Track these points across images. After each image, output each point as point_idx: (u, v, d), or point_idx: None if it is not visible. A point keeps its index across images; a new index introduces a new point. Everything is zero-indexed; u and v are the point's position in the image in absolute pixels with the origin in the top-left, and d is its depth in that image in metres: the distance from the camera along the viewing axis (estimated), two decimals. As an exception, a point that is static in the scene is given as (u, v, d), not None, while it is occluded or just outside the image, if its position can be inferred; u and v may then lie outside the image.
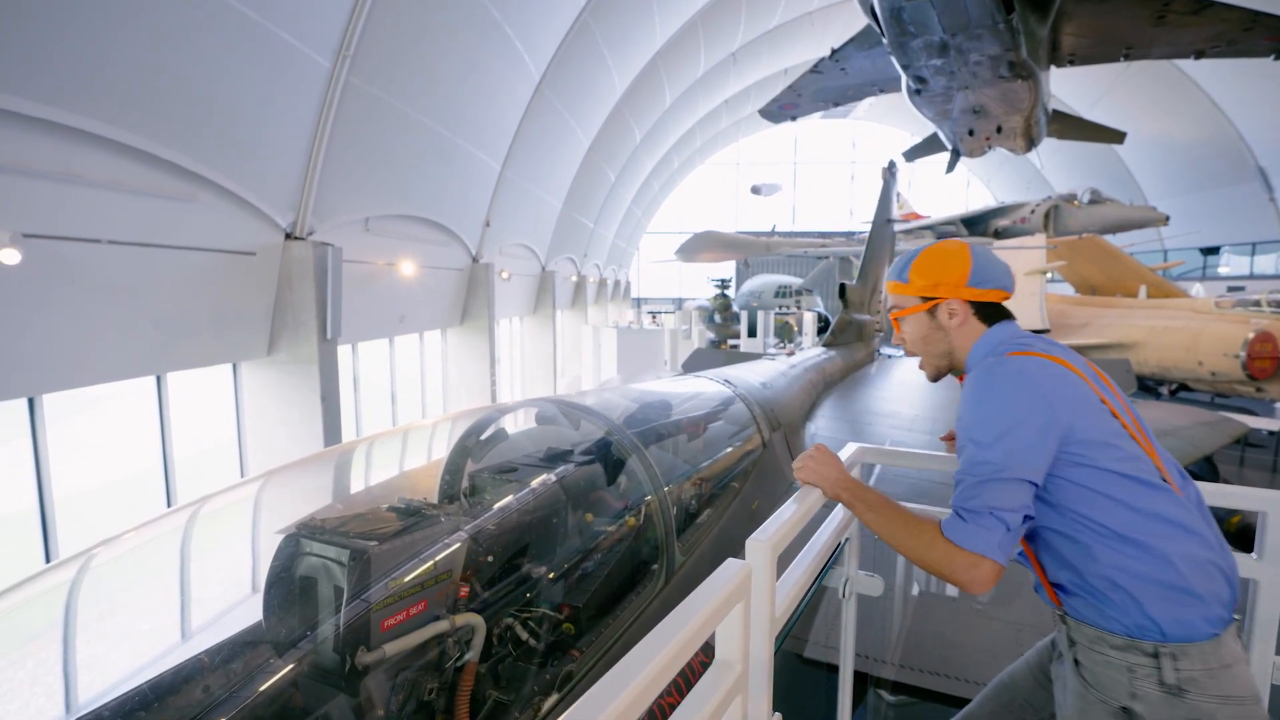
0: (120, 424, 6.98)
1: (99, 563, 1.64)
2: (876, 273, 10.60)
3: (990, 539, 1.31)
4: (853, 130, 37.75)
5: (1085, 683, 1.39)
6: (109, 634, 1.61)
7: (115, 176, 5.41)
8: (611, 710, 0.73)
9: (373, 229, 9.47)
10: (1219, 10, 9.04)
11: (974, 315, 1.65)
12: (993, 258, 1.68)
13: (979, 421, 1.40)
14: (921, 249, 1.72)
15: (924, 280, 1.68)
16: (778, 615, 1.21)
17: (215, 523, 1.88)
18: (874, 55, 10.55)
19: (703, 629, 0.91)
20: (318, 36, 7.12)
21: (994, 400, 1.41)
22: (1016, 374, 1.43)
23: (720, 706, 0.97)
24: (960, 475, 1.40)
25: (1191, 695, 1.24)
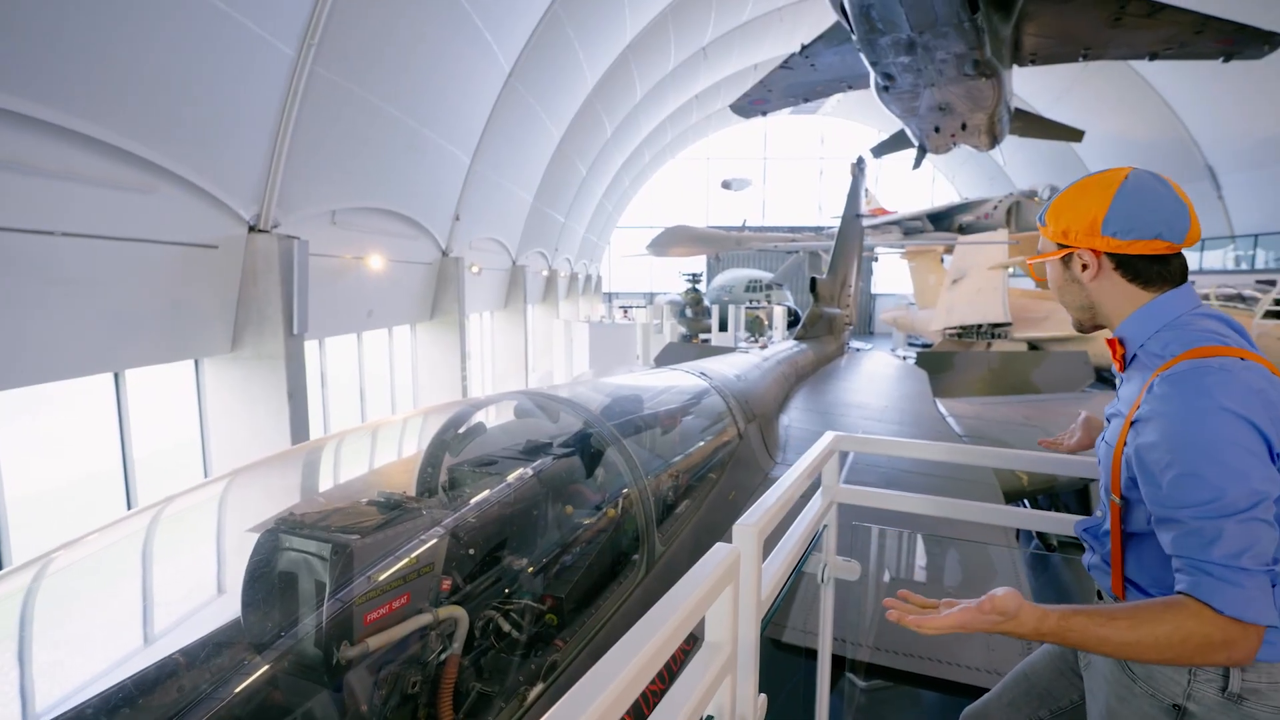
0: (77, 423, 6.75)
1: (65, 564, 1.60)
2: (845, 267, 10.76)
3: (1268, 599, 1.10)
4: (821, 126, 38.16)
5: (1132, 676, 1.31)
6: (88, 634, 1.57)
7: (70, 166, 5.22)
8: (610, 691, 0.74)
9: (340, 222, 9.30)
10: (1172, 13, 9.35)
11: (1118, 272, 1.35)
12: (1154, 194, 1.30)
13: (1204, 445, 1.13)
14: (1074, 181, 1.43)
15: (1057, 224, 1.40)
16: (763, 599, 1.24)
17: (190, 520, 1.85)
18: (843, 52, 10.68)
19: (695, 611, 0.92)
20: (282, 24, 6.95)
21: (1217, 413, 1.13)
22: (1236, 379, 1.16)
23: (711, 687, 0.99)
24: (1190, 516, 1.13)
25: (1250, 703, 1.20)
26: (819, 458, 1.69)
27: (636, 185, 34.48)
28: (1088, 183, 1.37)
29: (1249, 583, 1.09)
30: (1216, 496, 1.10)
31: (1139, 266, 1.33)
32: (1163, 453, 1.17)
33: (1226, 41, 9.85)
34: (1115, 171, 1.35)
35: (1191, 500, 1.13)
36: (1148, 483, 1.21)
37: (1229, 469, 1.10)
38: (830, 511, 1.86)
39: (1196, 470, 1.12)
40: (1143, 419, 1.23)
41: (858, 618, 2.58)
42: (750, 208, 38.31)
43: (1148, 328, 1.33)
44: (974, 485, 3.67)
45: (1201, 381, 1.17)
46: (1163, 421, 1.19)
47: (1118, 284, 1.35)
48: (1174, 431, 1.17)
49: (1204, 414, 1.14)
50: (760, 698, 1.28)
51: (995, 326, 17.52)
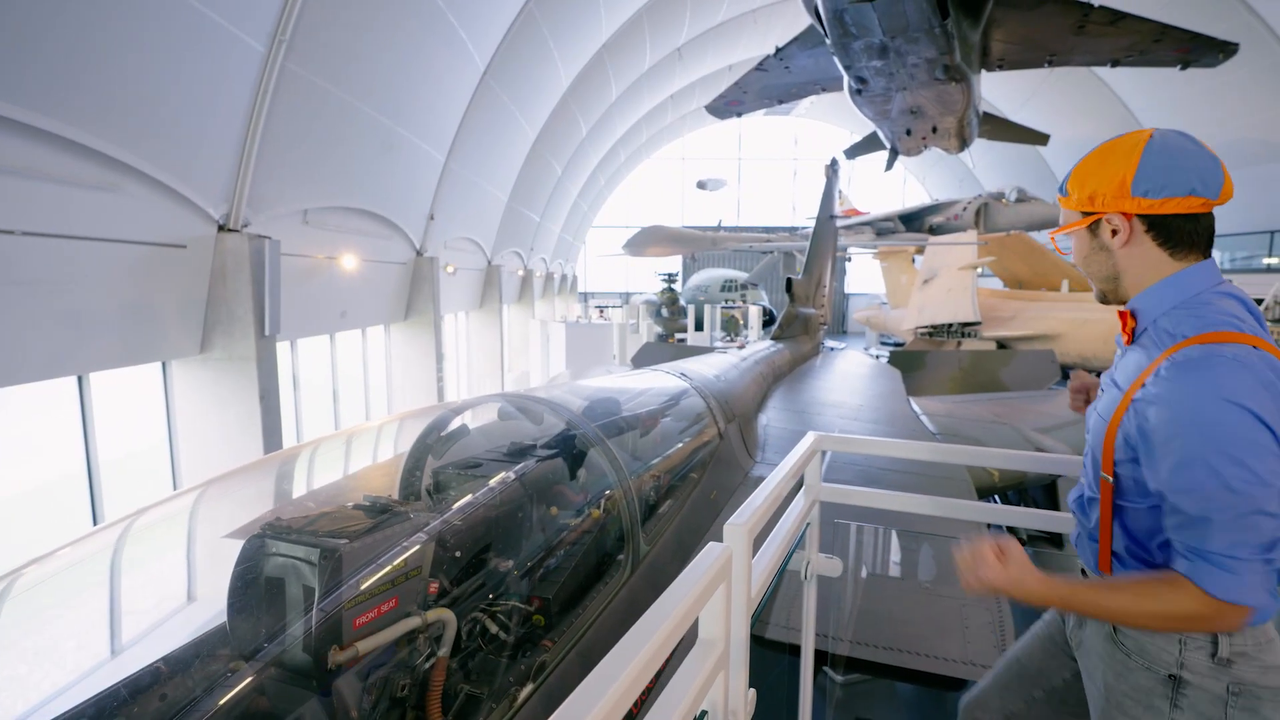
0: (39, 428, 6.56)
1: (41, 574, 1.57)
2: (820, 268, 10.90)
3: (1269, 585, 1.16)
4: (795, 127, 38.54)
5: (1126, 651, 1.35)
6: (75, 642, 1.54)
7: (31, 163, 5.07)
8: (615, 689, 0.76)
9: (312, 221, 9.15)
10: (1132, 22, 9.65)
11: (1149, 235, 1.30)
12: (1183, 149, 1.26)
13: (1211, 437, 1.13)
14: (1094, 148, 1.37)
15: (1081, 190, 1.34)
16: (752, 596, 1.27)
17: (176, 527, 1.82)
18: (817, 55, 10.83)
19: (691, 610, 0.95)
20: (251, 19, 6.82)
21: (1226, 408, 1.13)
22: (1247, 372, 1.15)
23: (705, 684, 1.02)
24: (1192, 506, 1.17)
25: (1238, 666, 1.26)
26: (802, 457, 1.73)
27: (612, 185, 34.46)
28: (1112, 145, 1.33)
29: (1243, 570, 1.14)
30: (1219, 488, 1.12)
31: (1171, 227, 1.28)
32: (1167, 438, 1.18)
33: (1183, 50, 10.21)
34: (1138, 132, 1.30)
35: (1194, 489, 1.15)
36: (1150, 465, 1.23)
37: (1234, 462, 1.12)
38: (813, 510, 1.90)
39: (1201, 461, 1.14)
40: (1147, 400, 1.23)
41: (837, 613, 2.63)
42: (725, 208, 38.55)
43: (1165, 302, 1.30)
44: (948, 481, 3.76)
45: (1212, 371, 1.16)
46: (1169, 408, 1.19)
47: (1148, 250, 1.31)
48: (1180, 419, 1.17)
49: (1212, 405, 1.14)
50: (750, 692, 1.31)
51: (965, 325, 17.89)
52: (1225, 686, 1.26)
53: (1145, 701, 1.33)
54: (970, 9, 8.34)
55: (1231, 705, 1.26)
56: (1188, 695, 1.29)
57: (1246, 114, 17.07)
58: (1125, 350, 1.42)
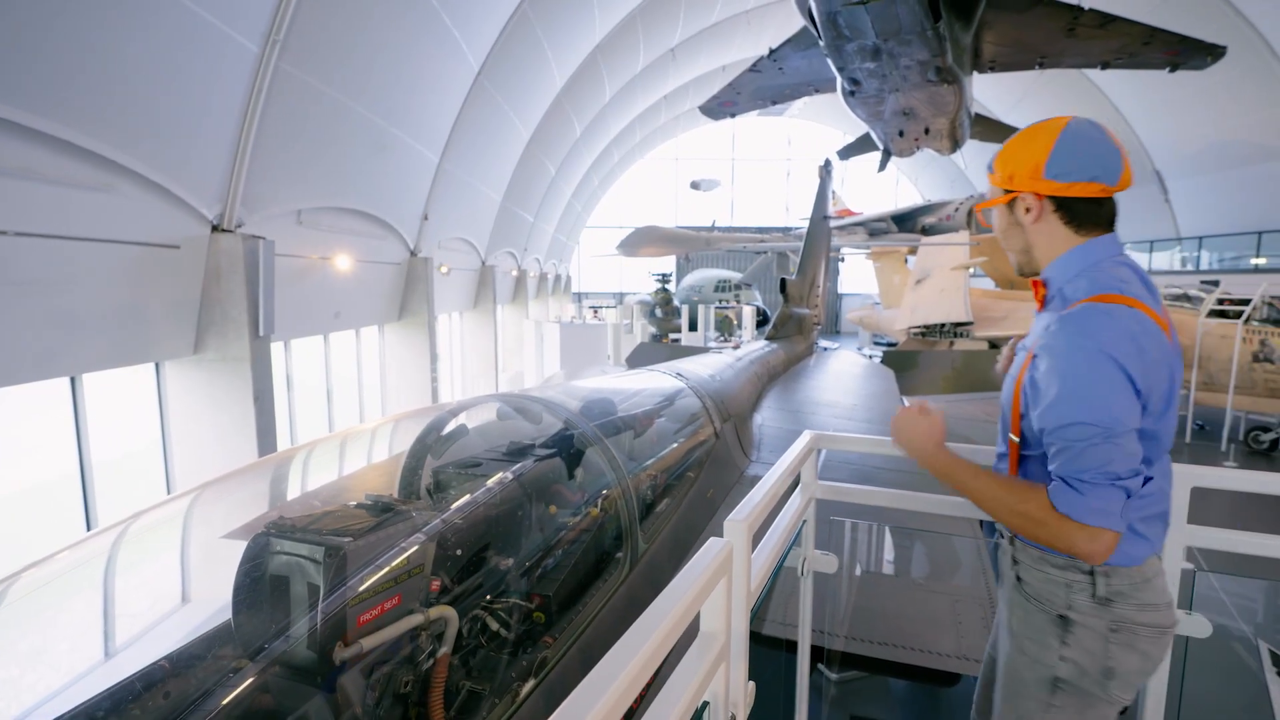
0: (31, 429, 6.53)
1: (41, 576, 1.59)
2: (814, 268, 10.95)
3: (1111, 509, 1.28)
4: (788, 128, 38.64)
5: (1026, 595, 1.49)
6: (79, 641, 1.56)
7: (23, 163, 5.06)
8: (620, 681, 0.79)
9: (305, 221, 9.14)
10: (1122, 25, 9.75)
11: (1056, 214, 1.44)
12: (1091, 140, 1.39)
13: (1079, 377, 1.29)
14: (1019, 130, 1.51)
15: (1003, 169, 1.48)
16: (751, 590, 1.30)
17: (178, 526, 1.83)
18: (810, 56, 10.89)
19: (694, 604, 0.98)
20: (245, 20, 6.81)
21: (1094, 354, 1.28)
22: (1117, 326, 1.30)
23: (707, 676, 1.05)
24: (1059, 438, 1.32)
25: (1117, 604, 1.39)
26: (799, 456, 1.76)
27: (605, 185, 34.47)
28: (1033, 130, 1.46)
29: (1088, 491, 1.28)
30: (1080, 420, 1.28)
31: (1076, 209, 1.43)
32: (1046, 380, 1.34)
33: (1173, 53, 10.32)
34: (1057, 120, 1.44)
35: (1060, 423, 1.31)
36: (1035, 405, 1.38)
37: (1094, 399, 1.28)
38: (809, 507, 1.93)
39: (1067, 397, 1.30)
40: (1039, 352, 1.39)
41: (832, 609, 2.67)
42: (719, 208, 38.60)
43: (1070, 270, 1.44)
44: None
45: (1086, 322, 1.32)
46: (1049, 355, 1.36)
47: (1055, 227, 1.45)
48: (1055, 363, 1.34)
49: (1081, 350, 1.31)
50: (750, 685, 1.34)
51: (957, 325, 17.97)
52: (1106, 624, 1.40)
53: (1041, 640, 1.46)
54: (962, 11, 8.42)
55: (1112, 641, 1.39)
56: (1075, 633, 1.42)
57: (1237, 115, 17.23)
58: (1037, 316, 1.56)
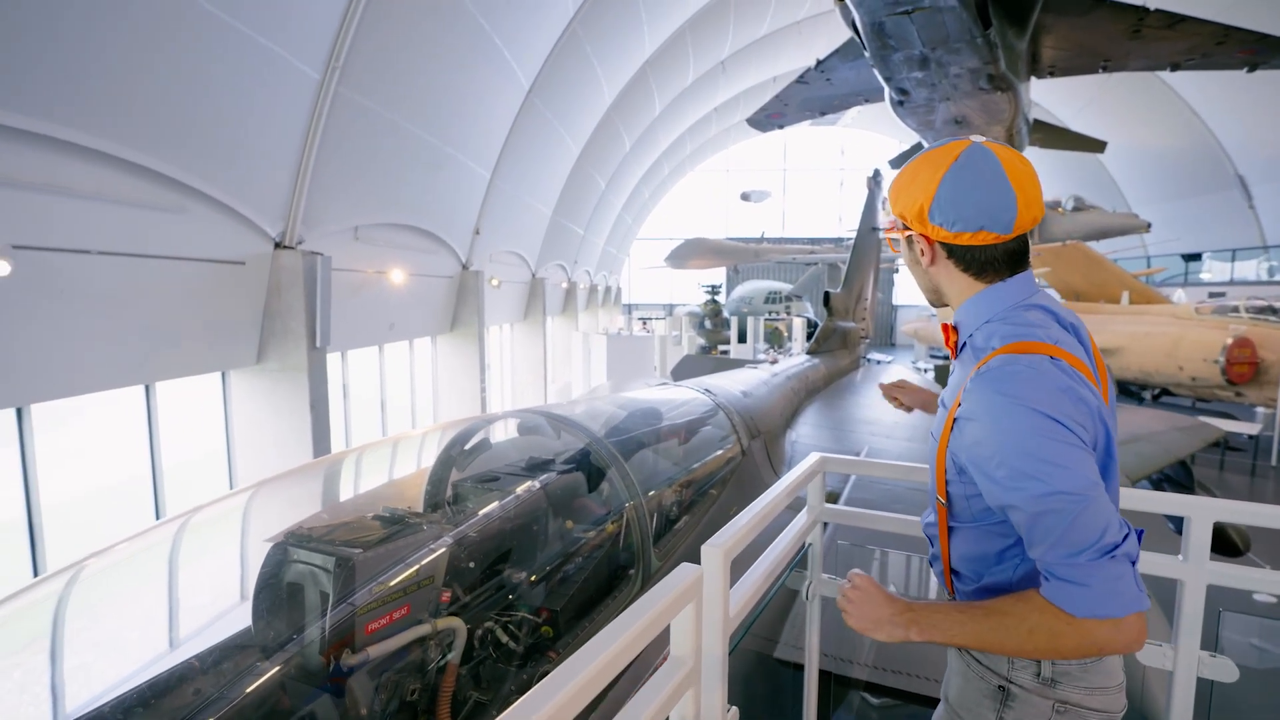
0: (109, 433, 7.00)
1: (94, 571, 1.72)
2: (861, 280, 10.75)
3: (1125, 587, 1.07)
4: (841, 137, 38.10)
5: (965, 660, 1.37)
6: (105, 639, 1.68)
7: (104, 188, 5.47)
8: (566, 693, 0.83)
9: (362, 237, 9.54)
10: (1192, 25, 9.26)
11: (950, 260, 1.31)
12: (978, 181, 1.22)
13: (1021, 444, 1.12)
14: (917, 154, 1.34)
15: (894, 203, 1.36)
16: (732, 615, 1.31)
17: (207, 531, 1.96)
18: (858, 66, 10.74)
19: (651, 626, 1.00)
20: (307, 49, 7.20)
21: (1027, 413, 1.12)
22: (1043, 379, 1.15)
23: (671, 697, 1.06)
24: (1027, 520, 1.12)
25: (1063, 686, 1.25)
26: (800, 478, 1.75)
27: (656, 198, 34.69)
28: (922, 161, 1.29)
29: (1094, 577, 1.07)
30: (1037, 494, 1.09)
31: (968, 256, 1.28)
32: (985, 451, 1.17)
33: (1250, 52, 9.72)
34: (950, 148, 1.26)
35: (1017, 502, 1.12)
36: (984, 481, 1.20)
37: (1049, 465, 1.09)
38: (814, 530, 1.91)
39: (1019, 470, 1.11)
40: (965, 417, 1.22)
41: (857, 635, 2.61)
42: (770, 219, 38.33)
43: (978, 317, 1.30)
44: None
45: (1008, 380, 1.16)
46: (980, 422, 1.18)
47: (952, 272, 1.32)
48: (989, 431, 1.17)
49: (1013, 412, 1.13)
50: (731, 710, 1.34)
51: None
52: (1051, 705, 1.25)
53: (976, 711, 1.33)
54: (1015, 18, 8.16)
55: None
56: (1014, 708, 1.28)
57: (1327, 116, 16.12)
58: (953, 366, 1.42)
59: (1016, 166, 1.24)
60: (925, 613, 1.25)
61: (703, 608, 1.16)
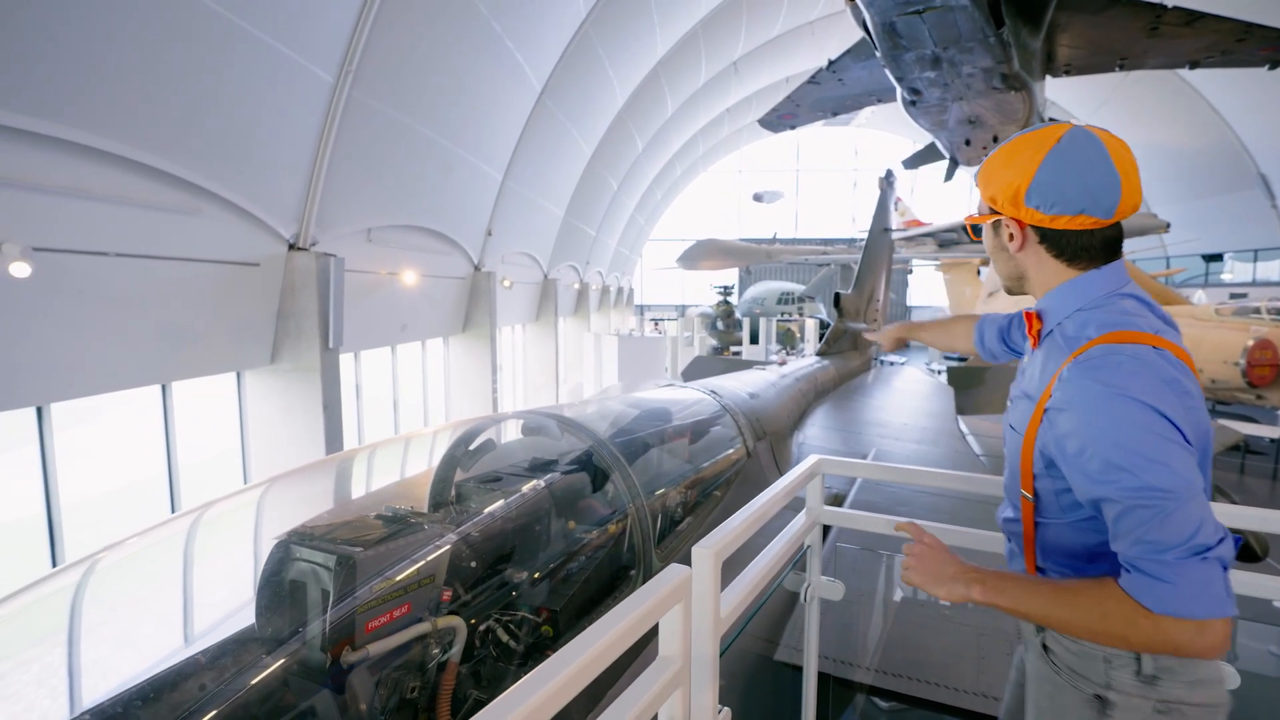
0: (126, 432, 7.12)
1: (100, 568, 1.76)
2: (873, 281, 10.69)
3: (1213, 590, 1.05)
4: (855, 137, 37.90)
5: (1055, 668, 1.31)
6: (110, 636, 1.72)
7: (122, 191, 5.57)
8: (551, 687, 0.84)
9: (375, 239, 9.63)
10: (1211, 22, 9.12)
11: (1042, 245, 1.28)
12: (1083, 163, 1.20)
13: (1121, 436, 1.09)
14: (1012, 136, 1.31)
15: (985, 187, 1.32)
16: (724, 616, 1.31)
17: (211, 530, 1.99)
18: (870, 66, 10.67)
19: (637, 625, 1.01)
20: (321, 52, 7.29)
21: (1130, 405, 1.09)
22: (1149, 370, 1.12)
23: (658, 697, 1.07)
24: (1118, 513, 1.10)
25: (1164, 682, 1.20)
26: (797, 480, 1.75)
27: (669, 199, 34.70)
28: (1020, 143, 1.27)
29: (1180, 575, 1.05)
30: (1134, 488, 1.07)
31: (1064, 241, 1.26)
32: (1081, 443, 1.14)
33: (1271, 49, 9.56)
34: (1051, 131, 1.25)
35: (1111, 495, 1.10)
36: (1074, 474, 1.18)
37: (1149, 460, 1.07)
38: (813, 532, 1.91)
39: (1113, 464, 1.09)
40: (1056, 408, 1.20)
41: (860, 638, 2.61)
42: (783, 220, 38.19)
43: (1067, 306, 1.27)
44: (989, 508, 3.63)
45: (1112, 370, 1.13)
46: (1077, 412, 1.16)
47: (1043, 257, 1.29)
48: (1088, 422, 1.14)
49: (1116, 403, 1.11)
50: (724, 711, 1.35)
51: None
52: (1152, 705, 1.21)
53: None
54: (1029, 16, 8.09)
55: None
56: (1113, 716, 1.23)
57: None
58: (1031, 354, 1.37)
59: (1120, 151, 1.22)
60: (992, 576, 1.23)
61: (692, 608, 1.17)
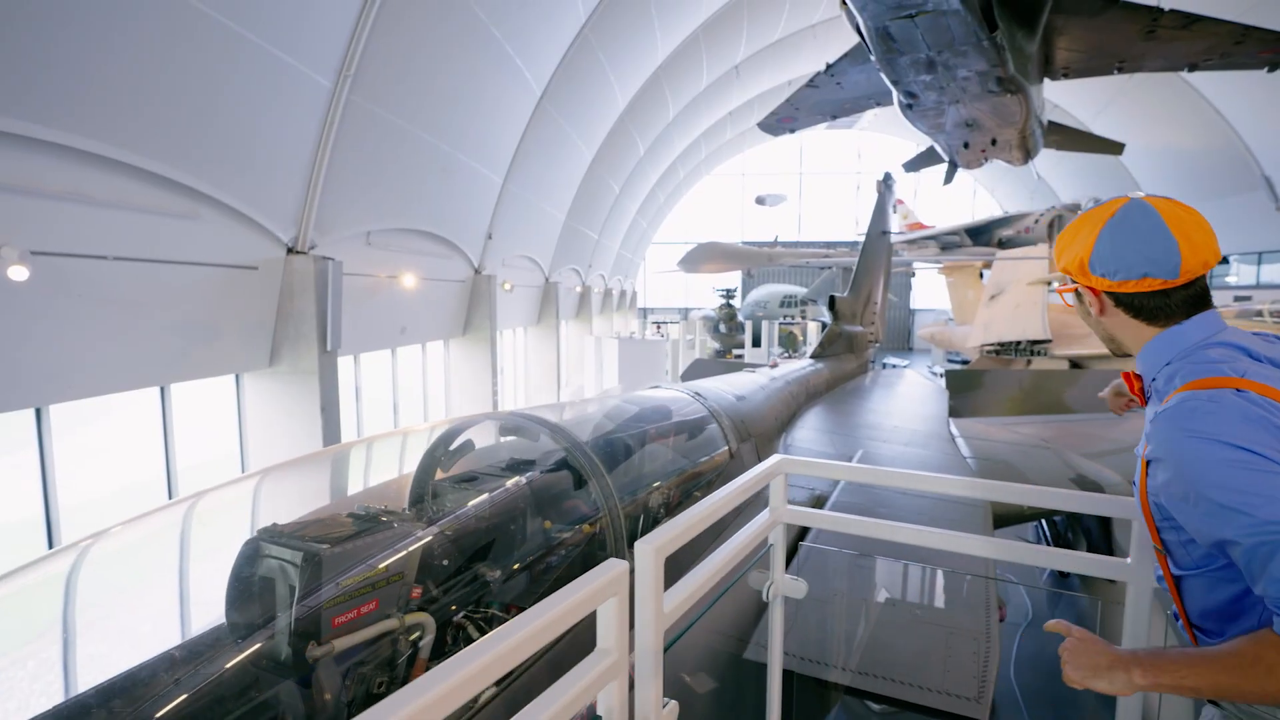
0: (125, 434, 7.19)
1: (69, 563, 1.80)
2: (870, 284, 10.70)
3: None
4: (858, 141, 37.90)
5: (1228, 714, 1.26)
6: (82, 630, 1.75)
7: (121, 195, 5.64)
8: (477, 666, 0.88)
9: (374, 242, 9.70)
10: (1209, 24, 9.12)
11: (1120, 309, 1.33)
12: (1136, 231, 1.26)
13: (1210, 477, 1.09)
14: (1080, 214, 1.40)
15: (1059, 259, 1.40)
16: (669, 611, 1.34)
17: (184, 527, 2.04)
18: (868, 70, 10.68)
19: (567, 616, 1.04)
20: (319, 58, 7.36)
21: (1209, 444, 1.10)
22: (1222, 410, 1.13)
23: (591, 686, 1.11)
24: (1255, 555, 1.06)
25: None
26: (753, 480, 1.78)
27: (671, 202, 34.74)
28: (1081, 221, 1.35)
29: None
30: (1256, 522, 1.05)
31: (1136, 304, 1.31)
32: (1183, 490, 1.15)
33: (1270, 51, 9.54)
34: (1109, 206, 1.32)
35: (1233, 533, 1.08)
36: (1188, 520, 1.17)
37: (1248, 492, 1.06)
38: (776, 531, 1.94)
39: (1222, 501, 1.08)
40: (1153, 459, 1.22)
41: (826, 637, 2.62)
42: (785, 223, 38.21)
43: (1158, 361, 1.30)
44: (970, 510, 3.66)
45: (1188, 417, 1.15)
46: (1169, 462, 1.18)
47: (1124, 319, 1.34)
48: (1180, 469, 1.15)
49: (1197, 448, 1.12)
50: (669, 705, 1.38)
51: (1034, 343, 17.05)
52: None
53: None
54: (1023, 19, 8.10)
55: None
56: None
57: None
58: (1145, 413, 1.40)
59: (1178, 215, 1.27)
60: (1149, 656, 1.19)
61: (637, 602, 1.20)
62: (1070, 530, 6.16)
